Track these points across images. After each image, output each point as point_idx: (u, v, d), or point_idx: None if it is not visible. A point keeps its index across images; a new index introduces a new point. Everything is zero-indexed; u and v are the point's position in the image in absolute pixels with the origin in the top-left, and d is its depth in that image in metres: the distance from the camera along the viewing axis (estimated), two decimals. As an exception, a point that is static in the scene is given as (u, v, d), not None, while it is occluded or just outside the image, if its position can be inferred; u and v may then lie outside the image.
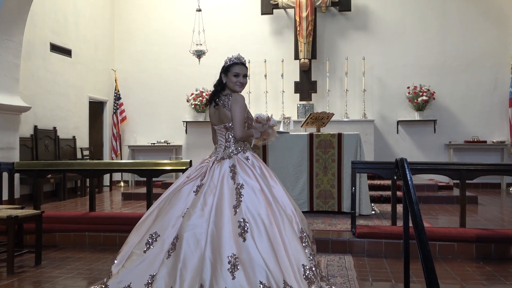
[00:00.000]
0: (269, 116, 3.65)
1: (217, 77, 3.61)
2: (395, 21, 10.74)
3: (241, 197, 3.17)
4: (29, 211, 4.61)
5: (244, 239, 2.98)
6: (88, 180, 8.29)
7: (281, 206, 3.25)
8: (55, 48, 9.33)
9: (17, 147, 7.50)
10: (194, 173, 3.46)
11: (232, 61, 3.55)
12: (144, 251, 3.14)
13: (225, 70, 3.53)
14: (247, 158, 3.43)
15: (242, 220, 3.05)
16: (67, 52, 9.73)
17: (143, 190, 8.67)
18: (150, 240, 3.17)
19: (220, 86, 3.55)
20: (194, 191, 3.34)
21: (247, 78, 3.63)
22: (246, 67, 3.59)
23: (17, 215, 4.34)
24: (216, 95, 3.55)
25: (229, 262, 2.86)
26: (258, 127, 3.59)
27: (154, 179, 5.72)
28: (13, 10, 7.16)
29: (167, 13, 11.37)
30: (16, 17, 7.27)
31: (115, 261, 3.28)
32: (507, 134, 10.18)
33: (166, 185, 8.39)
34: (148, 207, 5.06)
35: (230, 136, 3.48)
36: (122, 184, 11.04)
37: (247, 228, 3.02)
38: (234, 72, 3.51)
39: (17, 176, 7.28)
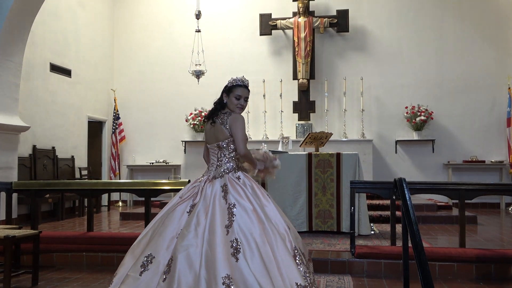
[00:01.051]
0: (275, 157, 3.71)
1: (217, 96, 3.62)
2: (392, 42, 10.83)
3: (233, 217, 3.15)
4: (26, 231, 4.58)
5: (237, 259, 2.96)
6: (86, 200, 8.26)
7: (273, 224, 3.23)
8: (55, 68, 9.38)
9: (16, 167, 7.49)
10: (187, 193, 3.45)
11: (236, 82, 3.57)
12: (140, 274, 3.11)
13: (228, 90, 3.54)
14: (238, 178, 3.41)
15: (234, 239, 3.03)
16: (66, 72, 9.78)
17: (142, 210, 8.64)
18: (145, 263, 3.14)
19: (220, 105, 3.56)
20: (187, 212, 3.32)
21: (247, 100, 3.64)
22: (249, 90, 3.59)
23: (15, 235, 4.31)
24: (214, 113, 3.56)
25: (223, 283, 2.83)
26: (262, 160, 3.62)
27: (152, 198, 5.71)
28: (14, 31, 7.21)
29: (167, 33, 11.46)
30: (17, 38, 7.33)
31: (111, 284, 3.26)
32: (505, 154, 10.20)
33: (164, 205, 8.35)
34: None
35: (222, 155, 3.48)
36: (120, 204, 10.99)
37: (240, 248, 3.00)
38: (236, 94, 3.53)
39: (15, 196, 7.24)
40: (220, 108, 3.56)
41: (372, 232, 6.44)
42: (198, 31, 9.48)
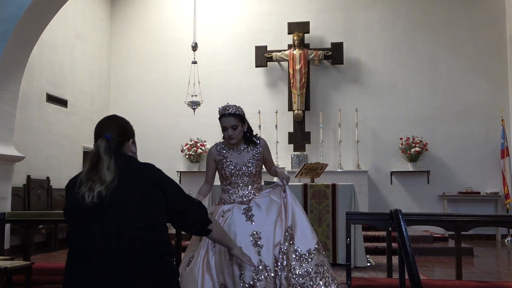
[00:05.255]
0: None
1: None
2: (387, 74, 10.96)
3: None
4: (18, 263, 4.52)
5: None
6: (80, 230, 8.16)
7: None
8: (51, 99, 9.42)
9: (9, 197, 7.42)
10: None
11: (219, 113, 3.62)
12: None
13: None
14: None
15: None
16: (63, 102, 9.82)
17: (136, 241, 8.54)
18: None
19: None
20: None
21: (242, 126, 3.65)
22: (235, 116, 3.58)
23: (7, 266, 4.25)
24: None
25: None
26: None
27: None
28: (11, 61, 7.26)
29: (163, 65, 11.57)
30: (14, 69, 7.37)
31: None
32: (500, 185, 10.21)
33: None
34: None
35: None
36: (114, 235, 10.87)
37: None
38: (221, 126, 3.58)
39: (7, 226, 7.15)
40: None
41: (368, 264, 6.38)
42: (195, 62, 9.57)
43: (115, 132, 2.40)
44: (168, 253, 2.33)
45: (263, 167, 3.88)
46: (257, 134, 3.85)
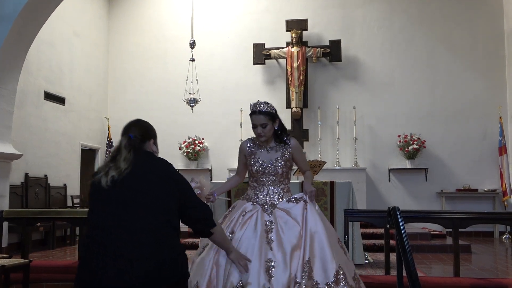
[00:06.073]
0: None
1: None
2: (384, 72, 10.96)
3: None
4: (16, 261, 4.52)
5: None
6: (78, 228, 8.17)
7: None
8: (48, 96, 9.40)
9: (7, 195, 7.41)
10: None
11: (250, 110, 3.61)
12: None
13: None
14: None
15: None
16: (60, 100, 9.80)
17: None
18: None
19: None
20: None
21: (272, 124, 3.61)
22: (265, 114, 3.53)
23: (4, 264, 4.25)
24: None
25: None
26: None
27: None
28: (8, 59, 7.24)
29: (161, 63, 11.55)
30: (11, 66, 7.35)
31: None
32: (498, 183, 10.23)
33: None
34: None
35: None
36: (112, 232, 10.87)
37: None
38: (252, 124, 3.57)
39: (5, 224, 7.15)
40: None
41: (366, 261, 6.39)
42: (193, 60, 9.56)
43: (137, 132, 2.79)
44: (177, 233, 2.61)
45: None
46: (289, 134, 3.77)
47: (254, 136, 3.71)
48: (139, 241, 2.42)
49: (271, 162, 3.61)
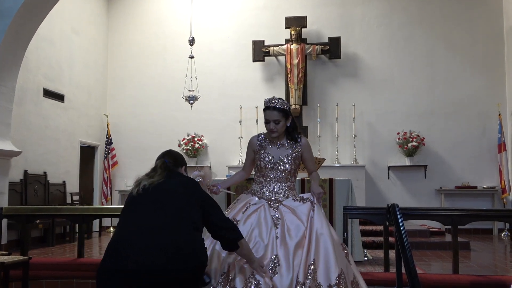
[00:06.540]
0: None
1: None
2: (384, 69, 10.95)
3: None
4: (16, 258, 4.52)
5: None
6: (77, 225, 8.17)
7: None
8: (48, 94, 9.39)
9: (6, 192, 7.40)
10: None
11: (264, 105, 3.60)
12: None
13: None
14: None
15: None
16: (59, 97, 9.79)
17: (133, 236, 8.53)
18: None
19: None
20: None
21: (285, 121, 3.62)
22: (279, 110, 3.53)
23: (4, 261, 4.25)
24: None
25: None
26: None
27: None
28: (7, 56, 7.22)
29: (160, 59, 11.54)
30: (10, 63, 7.33)
31: None
32: (497, 180, 10.24)
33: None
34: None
35: None
36: (111, 229, 10.88)
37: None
38: (265, 119, 3.57)
39: (5, 221, 7.15)
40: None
41: (366, 258, 6.40)
42: (192, 57, 9.54)
43: (171, 158, 3.20)
44: (198, 230, 2.90)
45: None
46: (300, 133, 3.78)
47: (258, 133, 3.75)
48: (162, 232, 2.72)
49: (280, 158, 3.62)
